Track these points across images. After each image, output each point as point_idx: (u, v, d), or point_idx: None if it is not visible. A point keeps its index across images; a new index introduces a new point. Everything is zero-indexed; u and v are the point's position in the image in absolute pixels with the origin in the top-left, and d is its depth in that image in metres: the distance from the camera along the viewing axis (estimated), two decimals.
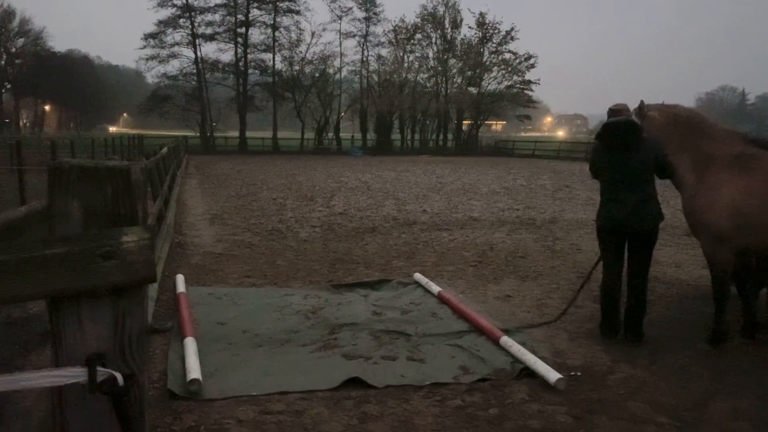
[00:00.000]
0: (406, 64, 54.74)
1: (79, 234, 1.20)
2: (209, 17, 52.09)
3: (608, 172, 4.81)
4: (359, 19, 54.46)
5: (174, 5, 50.98)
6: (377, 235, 9.81)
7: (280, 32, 53.28)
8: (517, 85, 54.15)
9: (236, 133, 52.83)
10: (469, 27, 54.52)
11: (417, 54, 54.93)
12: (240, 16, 52.08)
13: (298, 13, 53.23)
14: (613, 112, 4.99)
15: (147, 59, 52.01)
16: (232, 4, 51.65)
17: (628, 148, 4.68)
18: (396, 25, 53.98)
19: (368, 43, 55.01)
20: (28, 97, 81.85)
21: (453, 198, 15.74)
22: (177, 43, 52.12)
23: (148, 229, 1.23)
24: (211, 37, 52.41)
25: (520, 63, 53.33)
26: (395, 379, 3.98)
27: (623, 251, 4.85)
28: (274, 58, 53.42)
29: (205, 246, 8.67)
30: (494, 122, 72.53)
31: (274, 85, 52.82)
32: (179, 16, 51.42)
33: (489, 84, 54.67)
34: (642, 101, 5.19)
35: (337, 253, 8.28)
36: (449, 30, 54.48)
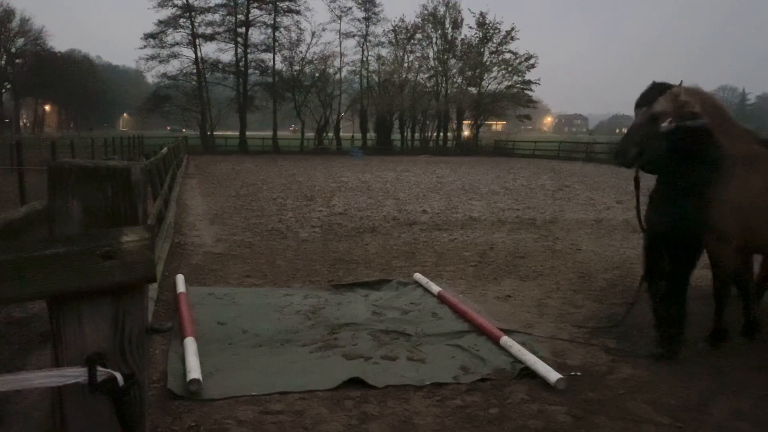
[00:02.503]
0: (406, 64, 54.76)
1: (79, 234, 1.20)
2: (209, 17, 52.18)
3: (660, 174, 4.53)
4: (359, 19, 54.55)
5: (174, 5, 51.02)
6: (377, 235, 9.80)
7: (280, 32, 53.39)
8: (517, 85, 54.13)
9: (237, 133, 52.88)
10: (470, 27, 54.55)
11: (417, 54, 55.02)
12: (240, 16, 52.13)
13: (298, 13, 53.30)
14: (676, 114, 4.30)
15: (147, 59, 52.09)
16: (232, 4, 51.68)
17: (688, 153, 4.33)
18: (396, 25, 54.10)
19: (368, 43, 55.08)
20: (28, 97, 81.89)
21: (453, 198, 15.74)
22: (177, 43, 52.19)
23: (148, 229, 1.23)
24: (211, 37, 52.44)
25: (520, 63, 53.34)
26: (395, 379, 3.98)
27: (663, 256, 4.58)
28: (274, 58, 53.51)
29: (205, 246, 8.67)
30: (494, 122, 72.41)
31: (274, 85, 52.83)
32: (179, 16, 51.45)
33: (489, 84, 54.70)
34: (681, 82, 4.47)
35: (337, 253, 8.28)
36: (449, 30, 54.52)
